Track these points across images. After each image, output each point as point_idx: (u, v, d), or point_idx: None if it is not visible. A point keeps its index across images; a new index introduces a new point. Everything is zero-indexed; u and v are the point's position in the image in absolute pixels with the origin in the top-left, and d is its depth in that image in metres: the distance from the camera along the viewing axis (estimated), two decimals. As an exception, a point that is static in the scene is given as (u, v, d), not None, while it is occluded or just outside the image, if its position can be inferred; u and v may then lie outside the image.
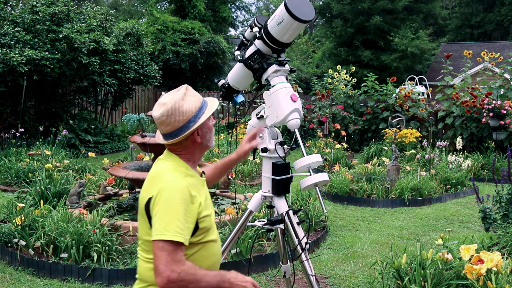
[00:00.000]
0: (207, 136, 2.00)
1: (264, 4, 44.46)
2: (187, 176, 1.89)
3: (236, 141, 8.80)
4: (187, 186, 1.83)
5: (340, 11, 23.39)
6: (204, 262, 1.92)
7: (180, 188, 1.81)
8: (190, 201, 1.82)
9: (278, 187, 2.67)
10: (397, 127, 9.00)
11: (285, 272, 3.00)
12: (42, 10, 10.16)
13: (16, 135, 9.32)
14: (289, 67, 2.73)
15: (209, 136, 2.01)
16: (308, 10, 2.53)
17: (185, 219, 1.78)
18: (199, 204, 1.86)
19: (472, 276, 3.07)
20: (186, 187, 1.83)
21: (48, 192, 5.61)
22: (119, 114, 15.70)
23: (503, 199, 4.74)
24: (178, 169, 1.91)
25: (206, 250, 1.94)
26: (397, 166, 7.39)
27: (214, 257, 1.99)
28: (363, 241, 5.34)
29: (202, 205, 1.88)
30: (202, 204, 1.89)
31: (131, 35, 12.69)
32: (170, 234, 1.73)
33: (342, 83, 12.85)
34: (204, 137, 1.99)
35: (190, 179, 1.90)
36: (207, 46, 18.34)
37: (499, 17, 28.89)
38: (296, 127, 2.58)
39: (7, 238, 4.53)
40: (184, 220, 1.78)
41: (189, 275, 1.75)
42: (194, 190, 1.86)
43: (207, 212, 1.92)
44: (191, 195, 1.83)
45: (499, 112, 9.58)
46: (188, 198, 1.81)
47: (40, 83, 10.28)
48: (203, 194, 1.95)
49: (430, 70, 23.05)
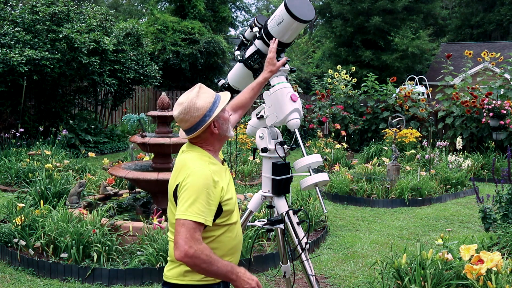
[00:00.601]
0: (223, 127, 2.15)
1: (264, 4, 44.47)
2: (210, 164, 2.07)
3: (236, 141, 8.79)
4: (210, 172, 2.01)
5: (340, 11, 23.38)
6: (231, 243, 2.11)
7: (203, 175, 1.99)
8: (213, 186, 1.99)
9: (278, 187, 2.68)
10: (397, 127, 9.00)
11: (285, 272, 3.00)
12: (42, 10, 10.16)
13: (16, 135, 9.32)
14: (289, 67, 2.74)
15: (226, 127, 2.16)
16: (308, 10, 2.53)
17: (207, 202, 1.96)
18: (221, 189, 2.03)
19: (472, 276, 3.07)
20: (210, 173, 2.00)
21: (48, 192, 5.61)
22: (119, 114, 15.69)
23: (503, 199, 4.74)
24: (202, 158, 2.09)
25: (231, 232, 2.11)
26: (397, 166, 7.39)
27: (238, 238, 2.17)
28: (363, 241, 5.34)
29: (224, 190, 2.05)
30: (225, 189, 2.06)
31: (131, 35, 12.69)
32: (191, 214, 1.92)
33: (342, 83, 12.85)
34: (221, 128, 2.15)
35: (213, 166, 2.07)
36: (207, 46, 18.34)
37: (499, 17, 28.88)
38: (296, 127, 2.58)
39: (7, 238, 4.53)
40: (207, 203, 1.96)
41: (204, 255, 1.91)
42: (217, 176, 2.04)
43: (229, 196, 2.09)
44: (214, 181, 2.00)
45: (499, 112, 9.58)
46: (211, 183, 1.98)
47: (40, 83, 10.28)
48: (226, 180, 2.12)
49: (430, 70, 23.04)
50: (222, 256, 2.07)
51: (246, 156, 9.03)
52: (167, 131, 5.48)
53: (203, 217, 1.94)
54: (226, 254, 2.11)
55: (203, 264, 1.91)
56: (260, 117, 2.79)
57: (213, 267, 1.94)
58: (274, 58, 2.56)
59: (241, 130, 10.77)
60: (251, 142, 10.09)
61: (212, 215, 1.98)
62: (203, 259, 1.91)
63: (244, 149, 9.81)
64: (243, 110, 2.59)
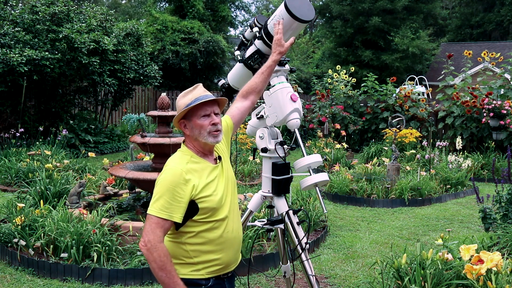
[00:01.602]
0: (194, 131, 2.19)
1: (263, 4, 44.46)
2: (189, 163, 2.15)
3: (236, 141, 8.79)
4: (181, 170, 2.08)
5: (340, 11, 23.38)
6: (219, 239, 2.14)
7: (173, 172, 2.08)
8: (182, 183, 2.05)
9: (278, 187, 2.67)
10: (397, 127, 9.00)
11: (285, 272, 3.00)
12: (42, 10, 10.16)
13: (16, 135, 9.32)
14: (289, 67, 2.73)
15: (198, 132, 2.18)
16: (308, 10, 2.53)
17: (174, 198, 2.03)
18: (192, 187, 2.07)
19: (472, 276, 3.07)
20: (180, 171, 2.08)
21: (48, 192, 5.61)
22: (119, 114, 15.69)
23: (503, 199, 4.73)
24: (181, 157, 2.18)
25: (219, 228, 2.14)
26: (397, 166, 7.39)
27: (229, 234, 2.18)
28: (363, 241, 5.34)
29: (197, 188, 2.08)
30: (199, 187, 2.09)
31: (131, 35, 12.69)
32: (154, 210, 2.03)
33: (342, 83, 12.84)
34: (192, 131, 2.20)
35: (192, 164, 2.14)
36: (207, 45, 18.33)
37: (499, 17, 28.89)
38: (296, 127, 2.57)
39: (7, 238, 4.53)
40: (173, 200, 2.03)
41: (157, 254, 1.98)
42: (190, 174, 2.09)
43: (208, 193, 2.11)
44: (184, 179, 2.06)
45: (499, 112, 9.58)
46: (180, 180, 2.06)
47: (40, 83, 10.28)
48: (207, 178, 2.15)
49: (430, 70, 23.04)
50: (210, 252, 2.13)
51: (246, 156, 9.03)
52: (167, 131, 5.48)
53: (167, 213, 2.02)
54: (215, 251, 2.14)
55: (153, 263, 1.99)
56: (260, 117, 2.79)
57: (161, 273, 1.99)
58: (281, 39, 2.50)
59: (241, 130, 10.77)
60: (251, 142, 10.09)
61: (180, 211, 2.04)
62: (155, 257, 1.98)
63: (244, 149, 9.81)
64: (255, 95, 2.53)
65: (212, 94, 2.23)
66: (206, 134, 2.18)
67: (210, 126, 2.18)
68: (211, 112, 2.20)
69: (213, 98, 2.21)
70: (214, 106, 2.22)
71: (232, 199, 2.27)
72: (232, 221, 2.22)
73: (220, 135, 2.23)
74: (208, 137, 2.18)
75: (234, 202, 2.28)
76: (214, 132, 2.19)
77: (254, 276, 4.29)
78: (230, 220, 2.20)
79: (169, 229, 2.07)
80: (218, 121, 2.22)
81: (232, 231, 2.20)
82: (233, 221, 2.22)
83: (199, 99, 2.17)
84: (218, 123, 2.21)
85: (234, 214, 2.25)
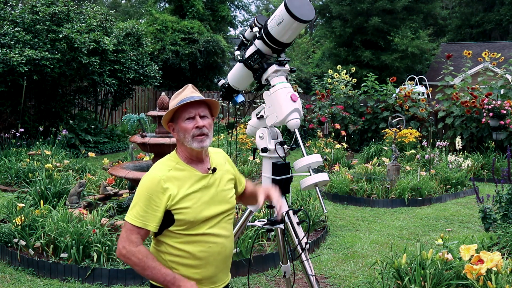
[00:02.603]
0: (180, 135, 2.07)
1: (263, 4, 44.45)
2: (173, 170, 2.04)
3: (236, 141, 8.80)
4: (159, 178, 1.98)
5: (340, 12, 23.39)
6: (198, 255, 2.02)
7: (150, 179, 1.99)
8: (159, 192, 1.96)
9: (278, 187, 2.67)
10: (397, 127, 9.00)
11: (285, 272, 3.00)
12: (42, 10, 10.16)
13: (16, 135, 9.32)
14: (289, 67, 2.73)
15: (183, 136, 2.05)
16: (308, 10, 2.53)
17: (149, 206, 1.96)
18: (168, 196, 1.97)
19: (472, 276, 3.07)
20: (158, 178, 1.98)
21: (48, 192, 5.61)
22: (119, 114, 15.70)
23: (503, 199, 4.73)
24: (165, 163, 2.07)
25: (198, 243, 2.02)
26: (397, 166, 7.39)
27: (213, 251, 2.05)
28: (363, 241, 5.34)
29: (174, 197, 1.97)
30: (176, 197, 1.98)
31: (131, 35, 12.69)
32: (130, 217, 1.98)
33: (342, 83, 12.85)
34: (178, 135, 2.08)
35: (175, 172, 2.03)
36: (207, 45, 18.34)
37: (499, 17, 28.90)
38: (296, 127, 2.57)
39: (7, 238, 4.53)
40: (148, 208, 1.96)
41: (135, 257, 1.93)
42: (170, 182, 1.99)
43: (185, 205, 1.99)
44: (162, 187, 1.97)
45: (499, 112, 9.58)
46: (157, 188, 1.97)
47: (40, 83, 10.28)
48: (189, 188, 2.02)
49: (430, 70, 23.04)
50: (189, 266, 2.02)
51: (246, 156, 9.03)
52: (167, 131, 5.47)
53: (141, 221, 1.96)
54: (194, 266, 2.02)
55: (135, 266, 1.94)
56: (260, 117, 2.79)
57: (147, 272, 1.94)
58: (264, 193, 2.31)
59: (241, 130, 10.77)
60: (251, 142, 10.09)
61: (155, 220, 1.96)
62: (134, 261, 1.93)
63: (244, 149, 9.81)
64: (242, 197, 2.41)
65: (202, 95, 2.11)
66: (190, 139, 2.02)
67: (194, 130, 2.02)
68: (196, 114, 2.04)
69: (198, 99, 2.05)
70: (200, 108, 2.05)
71: (221, 216, 2.10)
72: (217, 237, 2.06)
73: (207, 141, 2.05)
74: (193, 142, 2.02)
75: (222, 219, 2.11)
76: (198, 136, 2.02)
77: (254, 276, 4.29)
78: (213, 237, 2.05)
79: (147, 235, 1.99)
80: (203, 124, 2.04)
81: (216, 247, 2.04)
82: (218, 238, 2.07)
83: (183, 101, 2.04)
84: (202, 126, 2.03)
85: (221, 231, 2.09)
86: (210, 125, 2.08)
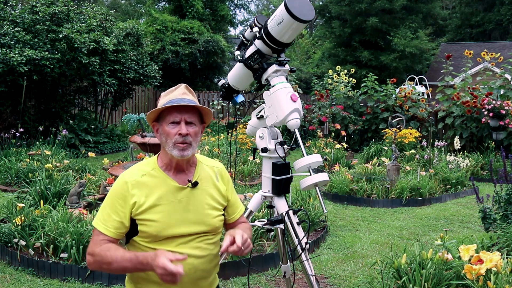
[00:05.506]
0: (162, 138, 1.91)
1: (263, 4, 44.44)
2: (146, 175, 1.90)
3: (236, 141, 8.80)
4: (128, 182, 1.86)
5: (339, 12, 23.40)
6: None
7: (119, 183, 1.89)
8: (125, 196, 1.85)
9: (278, 187, 2.67)
10: (397, 127, 9.00)
11: (285, 272, 3.00)
12: (42, 10, 10.16)
13: (16, 135, 9.32)
14: (289, 67, 2.73)
15: (165, 140, 1.89)
16: (308, 10, 2.53)
17: (113, 210, 1.85)
18: (133, 203, 1.83)
19: (471, 276, 3.07)
20: (125, 183, 1.87)
21: (48, 192, 5.61)
22: (119, 114, 15.69)
23: (502, 199, 4.73)
24: (140, 168, 1.94)
25: None
26: (397, 166, 7.39)
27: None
28: (363, 241, 5.34)
29: (139, 206, 1.83)
30: (142, 206, 1.83)
31: (131, 35, 12.69)
32: (96, 220, 1.88)
33: (341, 84, 12.85)
34: (161, 138, 1.93)
35: (147, 178, 1.89)
36: (206, 45, 18.34)
37: (499, 16, 28.90)
38: (296, 127, 2.57)
39: (7, 238, 4.53)
40: (112, 212, 1.85)
41: (100, 256, 1.80)
42: (137, 189, 1.85)
43: (150, 217, 1.83)
44: (128, 192, 1.85)
45: (499, 112, 9.59)
46: (122, 192, 1.86)
47: (40, 83, 10.28)
48: (159, 199, 1.85)
49: (430, 70, 23.04)
50: (152, 283, 1.84)
51: (246, 156, 9.03)
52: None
53: (104, 226, 1.84)
54: (158, 283, 1.82)
55: (103, 265, 1.79)
56: (260, 117, 2.79)
57: (115, 265, 1.76)
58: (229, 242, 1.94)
59: (241, 130, 10.77)
60: (251, 142, 10.09)
61: (117, 226, 1.84)
62: (100, 260, 1.79)
63: (244, 149, 9.81)
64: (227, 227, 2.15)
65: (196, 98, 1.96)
66: (171, 145, 1.85)
67: (176, 136, 1.84)
68: (182, 119, 1.86)
69: (187, 104, 1.86)
70: (188, 113, 1.87)
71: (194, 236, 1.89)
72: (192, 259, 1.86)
73: (189, 150, 1.86)
74: (173, 149, 1.85)
75: (196, 239, 1.90)
76: (179, 144, 1.84)
77: (254, 276, 4.29)
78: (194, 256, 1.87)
79: (114, 241, 1.84)
80: (187, 132, 1.85)
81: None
82: (190, 259, 1.85)
83: (172, 102, 1.87)
84: (186, 134, 1.84)
85: (193, 251, 1.88)
86: (195, 134, 1.89)
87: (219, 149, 9.20)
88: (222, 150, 9.28)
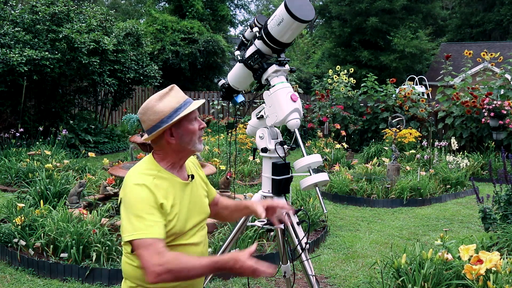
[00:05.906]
0: (185, 138, 1.93)
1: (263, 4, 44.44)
2: (156, 178, 1.88)
3: (236, 141, 8.81)
4: (147, 186, 1.83)
5: (339, 12, 23.42)
6: None
7: (138, 189, 1.82)
8: (155, 198, 1.82)
9: (278, 187, 2.67)
10: (397, 127, 9.00)
11: (285, 272, 3.00)
12: (42, 10, 10.16)
13: (16, 135, 9.32)
14: (289, 67, 2.73)
15: (189, 139, 1.93)
16: (308, 10, 2.53)
17: (152, 215, 1.79)
18: (161, 205, 1.84)
19: (471, 276, 3.07)
20: (146, 187, 1.83)
21: (48, 192, 5.61)
22: (119, 114, 15.70)
23: (501, 199, 4.74)
24: (145, 172, 1.90)
25: None
26: (397, 166, 7.39)
27: None
28: (363, 241, 5.34)
29: (164, 208, 1.85)
30: (165, 207, 1.85)
31: (131, 35, 12.69)
32: (139, 233, 1.75)
33: (341, 84, 12.85)
34: (180, 138, 1.92)
35: (158, 181, 1.88)
36: (206, 45, 18.35)
37: (499, 16, 28.90)
38: (296, 127, 2.57)
39: (7, 238, 4.53)
40: (152, 216, 1.79)
41: (173, 264, 1.71)
42: (158, 191, 1.85)
43: (172, 216, 1.87)
44: (155, 195, 1.83)
45: (499, 112, 9.59)
46: (149, 197, 1.82)
47: (40, 83, 10.28)
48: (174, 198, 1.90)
49: (430, 70, 23.04)
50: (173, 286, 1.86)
51: (246, 156, 9.03)
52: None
53: (157, 231, 1.80)
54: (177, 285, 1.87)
55: (177, 273, 1.72)
56: (260, 117, 2.79)
57: (192, 273, 1.72)
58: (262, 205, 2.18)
59: (241, 130, 10.78)
60: (251, 142, 10.09)
61: (162, 226, 1.82)
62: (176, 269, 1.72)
63: (244, 149, 9.81)
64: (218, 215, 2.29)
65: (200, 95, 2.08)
66: (197, 141, 1.95)
67: (200, 131, 1.98)
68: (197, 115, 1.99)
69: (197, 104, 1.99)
70: None
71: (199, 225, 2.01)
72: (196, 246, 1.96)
73: None
74: (198, 144, 1.95)
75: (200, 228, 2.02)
76: (200, 138, 1.99)
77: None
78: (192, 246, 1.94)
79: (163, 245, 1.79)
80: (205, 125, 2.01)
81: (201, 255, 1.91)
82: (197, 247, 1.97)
83: (189, 102, 1.94)
84: (204, 126, 1.99)
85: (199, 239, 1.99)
86: None
87: (219, 149, 9.20)
88: (222, 150, 9.28)
